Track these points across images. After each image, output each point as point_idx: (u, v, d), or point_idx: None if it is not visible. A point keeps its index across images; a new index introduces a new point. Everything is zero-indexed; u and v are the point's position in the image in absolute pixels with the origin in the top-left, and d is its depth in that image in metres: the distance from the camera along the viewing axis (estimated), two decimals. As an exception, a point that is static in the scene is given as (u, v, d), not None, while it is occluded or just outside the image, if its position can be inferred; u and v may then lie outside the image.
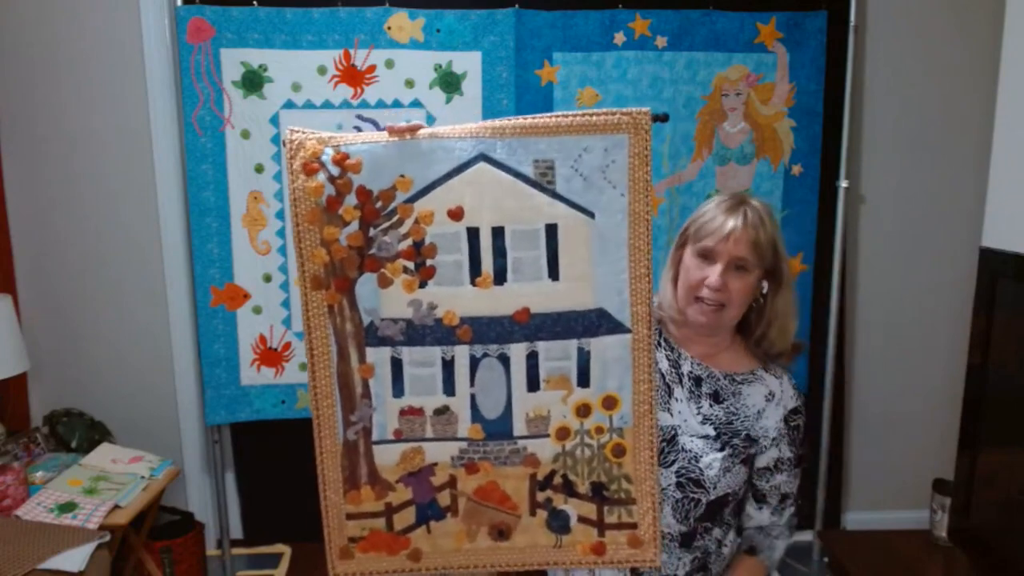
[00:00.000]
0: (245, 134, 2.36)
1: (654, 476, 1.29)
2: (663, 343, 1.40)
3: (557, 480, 1.31)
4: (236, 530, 2.78)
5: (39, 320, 2.60)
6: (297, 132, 1.26)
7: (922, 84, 2.67)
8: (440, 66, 2.38)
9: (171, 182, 2.56)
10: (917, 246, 2.77)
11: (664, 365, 1.38)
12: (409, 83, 2.36)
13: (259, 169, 2.38)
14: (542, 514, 1.32)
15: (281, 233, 2.43)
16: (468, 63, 2.39)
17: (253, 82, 2.34)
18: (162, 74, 2.50)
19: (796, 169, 2.53)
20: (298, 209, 1.24)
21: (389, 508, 1.33)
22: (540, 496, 1.32)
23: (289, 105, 2.36)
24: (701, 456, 1.32)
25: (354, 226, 1.25)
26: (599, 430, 1.30)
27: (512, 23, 2.37)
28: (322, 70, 2.35)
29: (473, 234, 1.25)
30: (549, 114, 1.23)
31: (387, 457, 1.32)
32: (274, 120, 2.36)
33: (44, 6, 2.45)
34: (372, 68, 2.36)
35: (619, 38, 2.41)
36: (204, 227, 2.40)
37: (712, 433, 1.33)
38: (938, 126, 2.70)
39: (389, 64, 2.36)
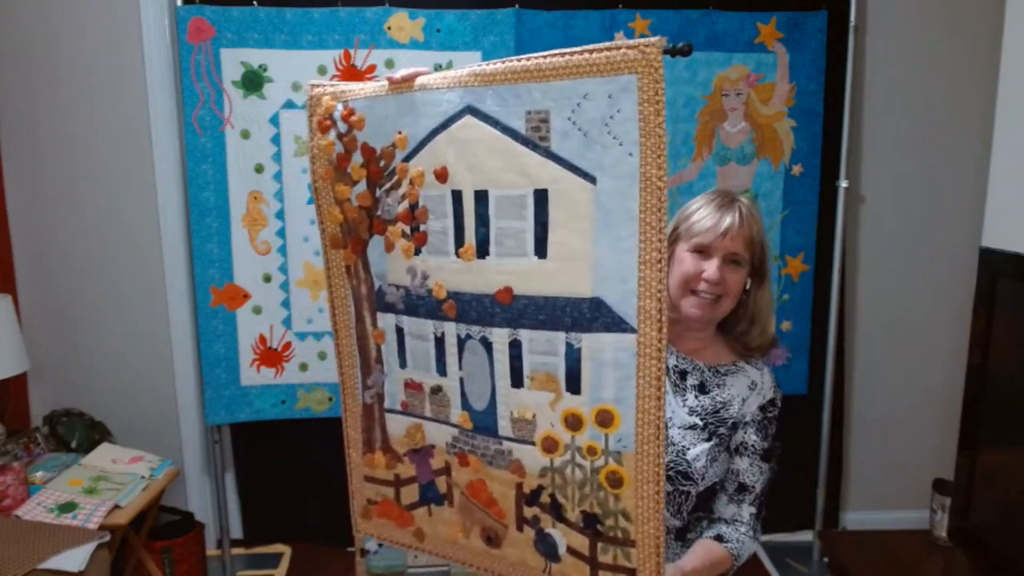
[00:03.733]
0: (245, 134, 2.36)
1: (659, 516, 1.05)
2: None
3: (544, 498, 1.14)
4: (236, 530, 2.78)
5: (39, 320, 2.60)
6: (317, 87, 1.22)
7: (922, 84, 2.67)
8: (440, 66, 2.37)
9: (171, 182, 2.56)
10: (917, 246, 2.77)
11: None
12: (409, 83, 2.37)
13: (259, 169, 2.38)
14: (529, 532, 1.17)
15: (281, 233, 2.43)
16: (468, 63, 2.37)
17: (253, 82, 2.34)
18: (162, 74, 2.50)
19: (796, 169, 2.53)
20: (314, 167, 1.22)
21: (397, 480, 1.30)
22: (527, 512, 1.16)
23: (289, 105, 2.36)
24: (688, 448, 1.32)
25: (362, 185, 1.19)
26: (592, 450, 1.08)
27: (512, 23, 2.37)
28: (322, 70, 2.35)
29: (457, 198, 1.10)
30: (545, 53, 1.01)
31: (396, 428, 1.28)
32: (274, 120, 2.36)
33: (44, 6, 2.45)
34: (372, 68, 2.36)
35: (619, 38, 2.41)
36: (204, 227, 2.40)
37: (699, 423, 1.34)
38: (938, 126, 2.70)
39: (389, 64, 2.36)
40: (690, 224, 1.33)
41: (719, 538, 1.34)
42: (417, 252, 1.16)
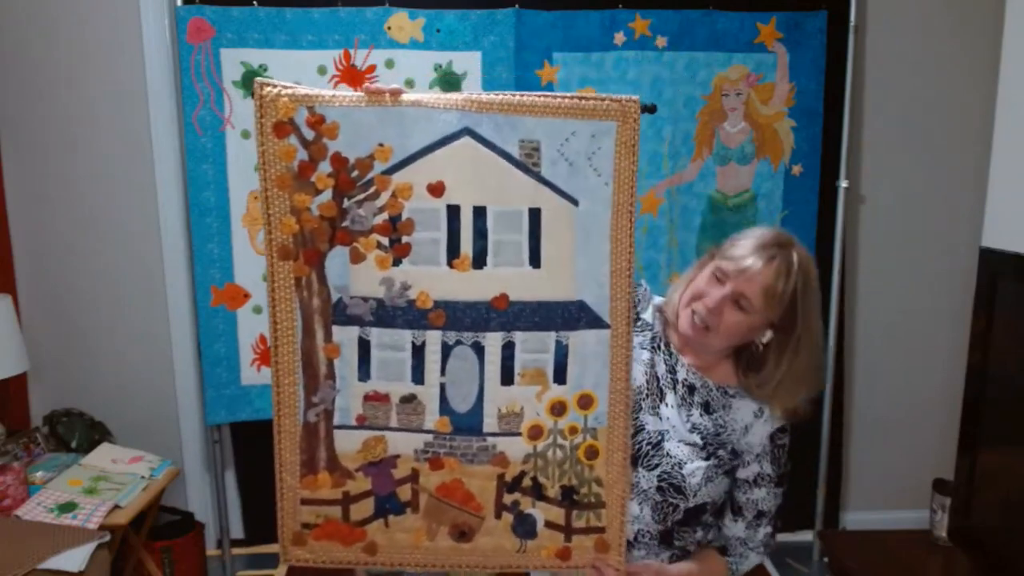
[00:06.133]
0: (245, 134, 2.36)
1: (626, 478, 1.25)
2: (662, 347, 1.39)
3: (526, 482, 1.26)
4: (236, 530, 2.78)
5: (39, 320, 2.60)
6: (268, 86, 1.18)
7: (922, 84, 2.67)
8: (440, 66, 2.38)
9: (171, 182, 2.56)
10: (917, 246, 2.77)
11: (661, 369, 1.37)
12: (409, 83, 2.36)
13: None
14: (508, 517, 1.27)
15: (281, 233, 2.43)
16: (468, 63, 2.39)
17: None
18: (162, 74, 2.50)
19: (796, 169, 2.54)
20: (267, 172, 1.17)
21: (346, 497, 1.28)
22: (507, 498, 1.26)
23: (289, 105, 2.36)
24: (685, 463, 1.30)
25: (327, 195, 1.17)
26: (573, 430, 1.25)
27: (512, 23, 2.37)
28: (322, 70, 2.35)
29: (453, 212, 1.18)
30: (538, 93, 1.17)
31: (348, 444, 1.26)
32: (274, 120, 2.36)
33: (44, 6, 2.45)
34: (372, 68, 2.36)
35: (619, 38, 2.42)
36: (204, 227, 2.40)
37: (699, 442, 1.32)
38: (938, 126, 2.70)
39: (389, 64, 2.36)
40: (728, 246, 1.31)
41: (723, 550, 1.37)
42: (397, 263, 1.19)
